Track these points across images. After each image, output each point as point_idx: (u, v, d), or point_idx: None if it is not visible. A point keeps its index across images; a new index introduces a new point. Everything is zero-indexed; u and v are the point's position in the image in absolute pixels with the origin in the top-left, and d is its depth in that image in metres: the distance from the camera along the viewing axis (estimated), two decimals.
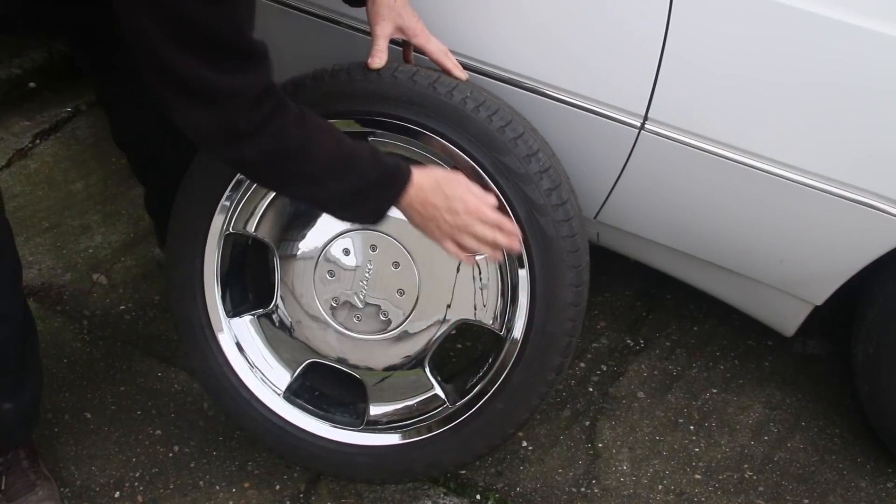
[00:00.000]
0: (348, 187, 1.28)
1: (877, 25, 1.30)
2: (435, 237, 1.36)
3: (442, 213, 1.33)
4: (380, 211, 1.33)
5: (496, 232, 1.36)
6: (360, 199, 1.30)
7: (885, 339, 1.61)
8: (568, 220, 1.44)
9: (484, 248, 1.37)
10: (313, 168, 1.26)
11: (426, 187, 1.32)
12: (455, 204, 1.33)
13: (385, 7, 1.44)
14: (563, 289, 1.45)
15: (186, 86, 1.15)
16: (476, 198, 1.35)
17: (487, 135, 1.41)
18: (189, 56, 1.12)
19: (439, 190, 1.32)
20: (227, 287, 1.63)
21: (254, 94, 1.17)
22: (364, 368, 1.61)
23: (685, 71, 1.43)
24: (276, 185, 1.34)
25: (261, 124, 1.19)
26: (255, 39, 1.18)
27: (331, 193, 1.29)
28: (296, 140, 1.23)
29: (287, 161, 1.24)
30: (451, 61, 1.48)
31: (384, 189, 1.31)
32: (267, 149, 1.21)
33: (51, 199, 2.27)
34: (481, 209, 1.35)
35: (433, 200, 1.32)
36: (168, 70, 1.13)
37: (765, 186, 1.48)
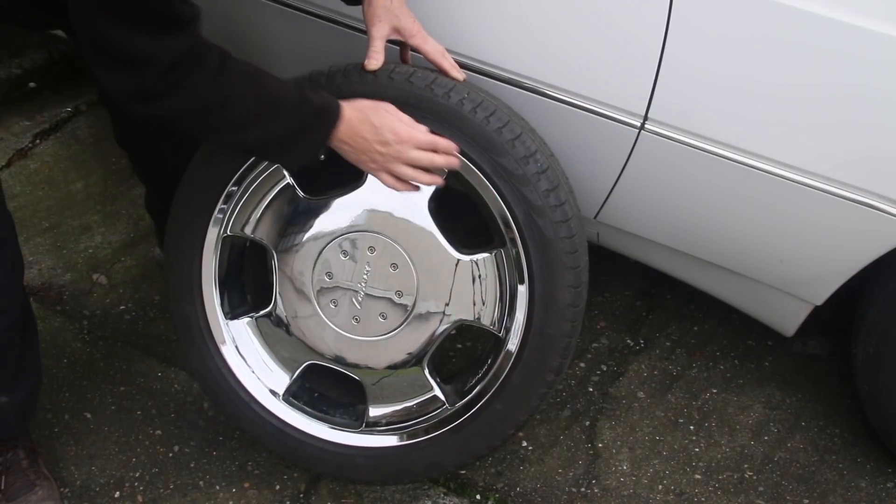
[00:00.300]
0: (275, 133, 1.29)
1: (877, 25, 1.30)
2: (370, 170, 1.38)
3: (373, 144, 1.33)
4: (311, 152, 1.34)
5: (431, 156, 1.37)
6: (290, 142, 1.31)
7: (885, 339, 1.61)
8: (566, 221, 1.43)
9: (421, 177, 1.38)
10: (235, 117, 1.27)
11: (354, 120, 1.32)
12: (385, 134, 1.34)
13: (381, 8, 1.43)
14: (562, 290, 1.45)
15: (104, 47, 1.17)
16: (406, 125, 1.36)
17: (485, 136, 1.41)
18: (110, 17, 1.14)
19: (367, 122, 1.33)
20: (226, 289, 1.63)
21: (171, 59, 1.18)
22: (363, 369, 1.60)
23: (685, 71, 1.43)
24: (201, 135, 1.35)
25: (175, 84, 1.20)
26: (183, 5, 1.19)
27: (258, 140, 1.30)
28: (213, 93, 1.24)
29: (207, 113, 1.26)
30: (448, 62, 1.47)
31: (313, 131, 1.31)
32: (184, 104, 1.23)
33: (51, 199, 2.28)
34: (412, 135, 1.35)
35: (362, 133, 1.33)
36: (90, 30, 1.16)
37: (765, 186, 1.48)
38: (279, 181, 1.55)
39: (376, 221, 1.50)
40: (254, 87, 1.28)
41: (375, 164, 1.36)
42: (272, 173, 1.54)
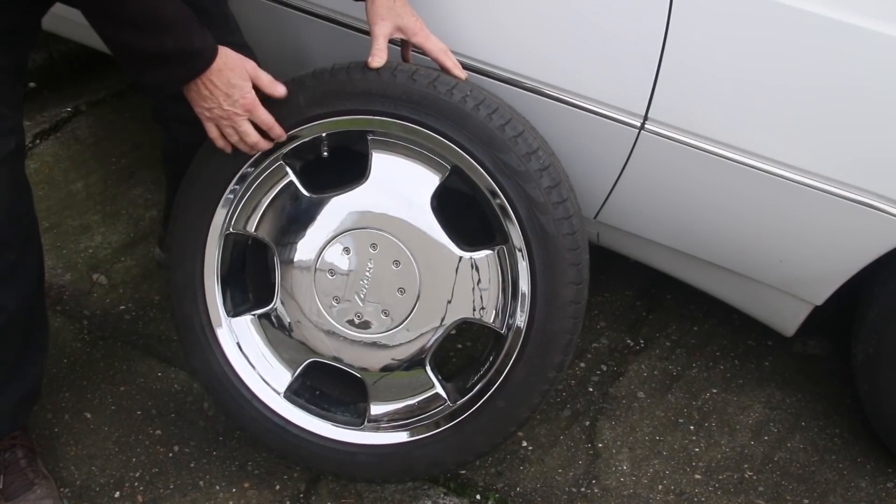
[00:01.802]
0: (145, 47, 1.30)
1: (877, 25, 1.30)
2: (203, 117, 1.40)
3: (219, 98, 1.37)
4: (167, 82, 1.35)
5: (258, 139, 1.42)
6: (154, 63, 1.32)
7: (885, 339, 1.61)
8: (568, 218, 1.44)
9: (241, 145, 1.43)
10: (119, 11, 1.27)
11: (215, 70, 1.34)
12: (234, 92, 1.37)
13: (384, 7, 1.44)
14: (564, 286, 1.45)
15: None
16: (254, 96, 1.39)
17: (487, 133, 1.42)
18: None
19: (223, 75, 1.35)
20: (228, 287, 1.63)
21: None
22: (364, 367, 1.60)
23: (685, 71, 1.43)
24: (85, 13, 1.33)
25: None
26: None
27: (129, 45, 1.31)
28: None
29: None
30: (450, 60, 1.48)
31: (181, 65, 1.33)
32: None
33: (51, 199, 2.28)
34: (257, 108, 1.40)
35: (216, 81, 1.35)
36: None
37: (765, 186, 1.48)
38: (281, 179, 1.55)
39: (378, 219, 1.50)
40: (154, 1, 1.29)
41: (210, 114, 1.39)
42: (274, 171, 1.54)
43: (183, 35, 1.31)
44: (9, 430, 1.60)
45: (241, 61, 1.38)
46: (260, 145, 1.44)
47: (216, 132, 1.42)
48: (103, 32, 1.33)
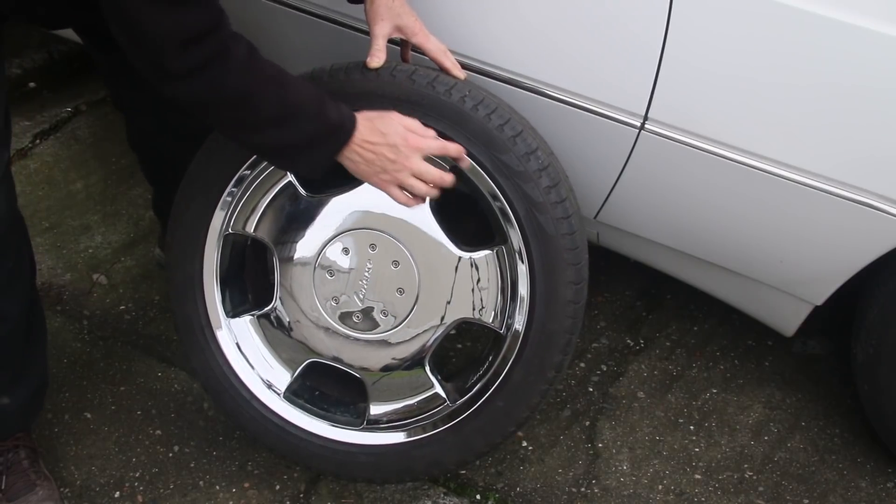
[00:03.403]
0: (288, 140, 1.28)
1: (877, 25, 1.30)
2: (379, 183, 1.35)
3: (383, 150, 1.32)
4: (317, 165, 1.33)
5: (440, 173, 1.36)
6: (297, 152, 1.31)
7: (885, 339, 1.61)
8: (567, 218, 1.44)
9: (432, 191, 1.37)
10: (252, 117, 1.26)
11: (364, 130, 1.32)
12: (394, 139, 1.32)
13: (383, 7, 1.44)
14: (563, 286, 1.45)
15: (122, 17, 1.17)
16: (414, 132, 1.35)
17: (486, 133, 1.42)
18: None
19: (376, 130, 1.32)
20: (227, 287, 1.63)
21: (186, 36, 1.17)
22: (363, 367, 1.60)
23: (685, 71, 1.43)
24: (215, 126, 1.34)
25: (195, 69, 1.19)
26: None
27: (269, 143, 1.30)
28: (235, 89, 1.23)
29: (225, 108, 1.25)
30: (449, 60, 1.48)
31: (323, 145, 1.31)
32: (203, 94, 1.22)
33: (51, 199, 2.28)
34: (420, 142, 1.34)
35: (372, 139, 1.32)
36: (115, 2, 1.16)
37: (765, 186, 1.48)
38: (280, 179, 1.55)
39: (377, 219, 1.50)
40: (276, 89, 1.27)
41: (387, 175, 1.34)
42: (273, 172, 1.54)
43: (318, 113, 1.29)
44: (21, 428, 1.61)
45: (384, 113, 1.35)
46: (445, 179, 1.36)
47: (399, 192, 1.35)
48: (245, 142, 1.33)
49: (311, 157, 1.32)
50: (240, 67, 1.23)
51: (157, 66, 1.20)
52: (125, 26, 1.18)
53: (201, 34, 1.18)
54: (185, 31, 1.17)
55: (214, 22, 1.20)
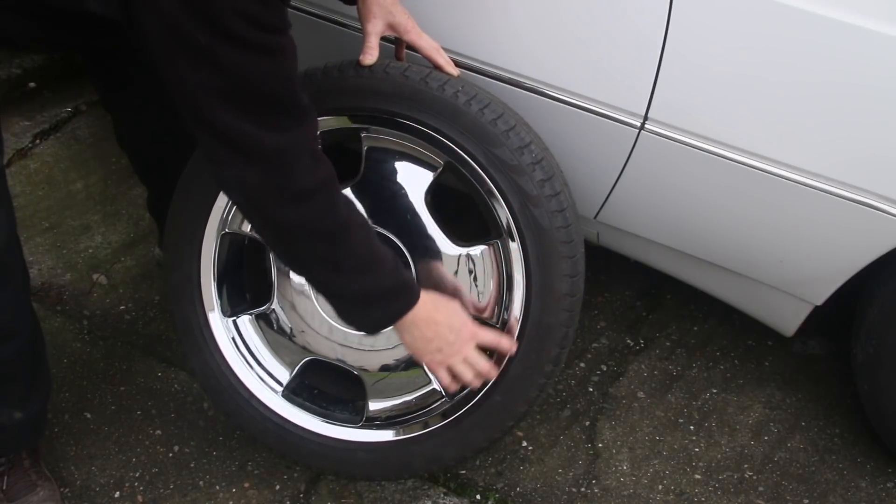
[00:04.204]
0: (364, 288, 1.27)
1: (877, 25, 1.30)
2: (431, 360, 1.37)
3: (444, 331, 1.34)
4: (382, 321, 1.33)
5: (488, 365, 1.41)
6: (370, 303, 1.30)
7: (885, 339, 1.61)
8: (561, 211, 1.44)
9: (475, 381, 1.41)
10: (341, 257, 1.24)
11: (429, 303, 1.33)
12: (455, 322, 1.35)
13: (376, 5, 1.44)
14: (559, 279, 1.45)
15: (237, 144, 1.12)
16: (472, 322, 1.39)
17: (480, 127, 1.42)
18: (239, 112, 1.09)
19: (440, 309, 1.34)
20: (225, 287, 1.63)
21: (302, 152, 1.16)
22: (362, 367, 1.60)
23: (685, 70, 1.43)
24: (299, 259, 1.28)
25: (312, 190, 1.17)
26: (302, 92, 1.16)
27: (346, 288, 1.28)
28: (340, 222, 1.22)
29: (321, 239, 1.22)
30: (442, 57, 1.48)
31: (395, 301, 1.31)
32: (311, 219, 1.20)
33: (51, 199, 2.28)
34: (477, 332, 1.39)
35: (437, 317, 1.33)
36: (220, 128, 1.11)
37: (765, 186, 1.48)
38: None
39: (373, 216, 1.50)
40: (366, 237, 1.27)
41: (440, 356, 1.36)
42: None
43: (395, 269, 1.30)
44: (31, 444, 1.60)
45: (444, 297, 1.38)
46: (490, 374, 1.43)
47: (446, 375, 1.39)
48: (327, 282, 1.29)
49: (380, 312, 1.31)
50: (345, 203, 1.23)
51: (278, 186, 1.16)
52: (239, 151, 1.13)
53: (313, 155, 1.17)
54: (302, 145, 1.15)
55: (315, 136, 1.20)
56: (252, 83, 1.09)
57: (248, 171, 1.15)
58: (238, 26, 1.04)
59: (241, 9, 1.04)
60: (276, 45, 1.10)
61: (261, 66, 1.08)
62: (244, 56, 1.06)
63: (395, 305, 1.31)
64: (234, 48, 1.05)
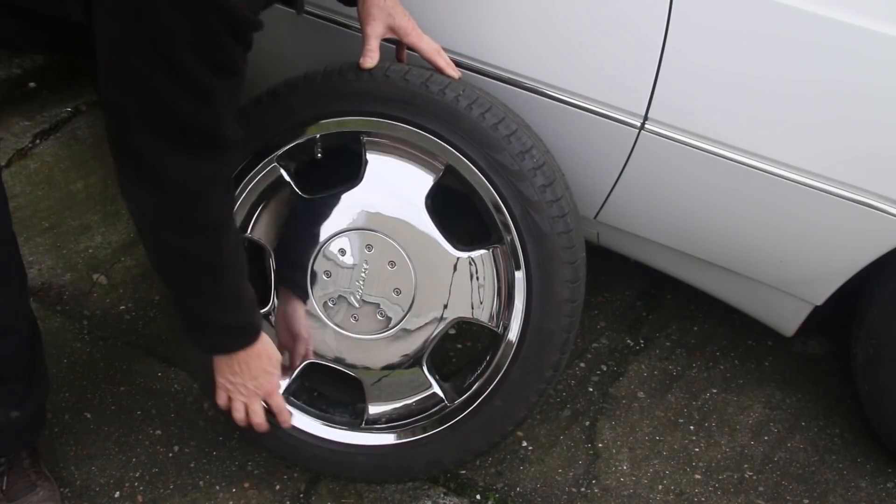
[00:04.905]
0: (219, 320, 1.32)
1: (877, 25, 1.30)
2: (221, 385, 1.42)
3: (247, 377, 1.39)
4: (219, 350, 1.38)
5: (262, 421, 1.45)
6: (217, 334, 1.35)
7: (885, 339, 1.61)
8: (563, 217, 1.44)
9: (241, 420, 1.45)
10: (214, 290, 1.28)
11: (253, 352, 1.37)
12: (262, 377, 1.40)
13: (376, 7, 1.44)
14: (560, 285, 1.45)
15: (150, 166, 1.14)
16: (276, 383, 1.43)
17: (481, 132, 1.42)
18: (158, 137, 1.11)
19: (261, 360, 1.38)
20: None
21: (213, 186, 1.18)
22: (362, 368, 1.60)
23: (685, 70, 1.43)
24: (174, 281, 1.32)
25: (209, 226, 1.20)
26: (232, 130, 1.17)
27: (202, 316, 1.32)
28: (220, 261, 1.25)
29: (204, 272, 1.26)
30: (443, 59, 1.48)
31: (238, 338, 1.36)
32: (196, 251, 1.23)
33: (51, 199, 2.28)
34: (275, 395, 1.44)
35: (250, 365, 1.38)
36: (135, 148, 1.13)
37: (765, 186, 1.48)
38: (277, 181, 1.55)
39: (373, 220, 1.50)
40: (240, 275, 1.31)
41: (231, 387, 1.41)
42: (269, 173, 1.54)
43: (250, 311, 1.34)
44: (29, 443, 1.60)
45: (274, 350, 1.41)
46: (262, 427, 1.46)
47: (225, 400, 1.44)
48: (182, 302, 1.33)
49: (220, 343, 1.37)
50: (235, 240, 1.27)
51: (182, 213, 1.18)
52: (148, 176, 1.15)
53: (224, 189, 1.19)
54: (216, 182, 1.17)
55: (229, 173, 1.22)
56: (181, 115, 1.10)
57: (153, 195, 1.18)
58: (185, 60, 1.05)
59: (198, 46, 1.05)
60: (219, 86, 1.10)
61: (195, 102, 1.09)
62: (181, 89, 1.07)
63: (232, 342, 1.36)
64: (171, 79, 1.06)
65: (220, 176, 1.20)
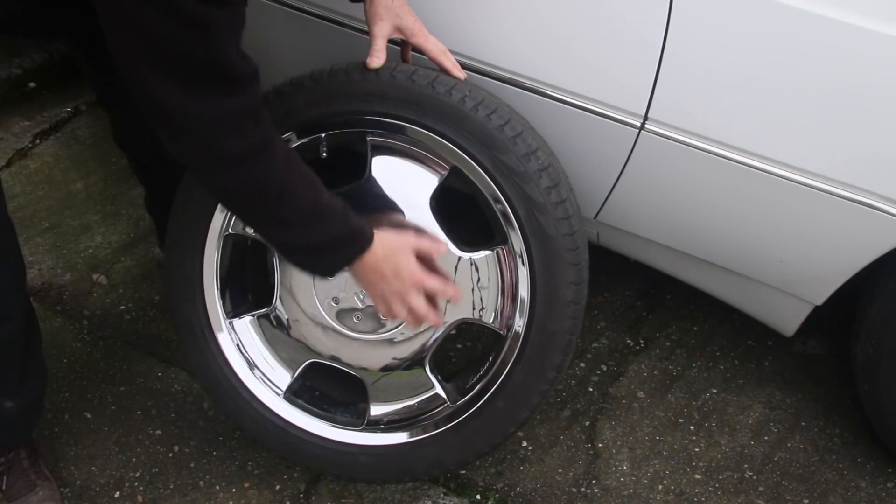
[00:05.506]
0: (313, 240, 1.30)
1: (877, 25, 1.30)
2: (371, 294, 1.40)
3: (389, 276, 1.35)
4: (333, 268, 1.36)
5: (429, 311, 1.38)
6: (320, 253, 1.33)
7: (885, 339, 1.61)
8: (567, 219, 1.44)
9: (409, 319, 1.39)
10: (286, 214, 1.27)
11: (379, 253, 1.34)
12: (402, 274, 1.36)
13: (383, 7, 1.44)
14: (563, 287, 1.45)
15: (164, 109, 1.15)
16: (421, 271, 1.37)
17: (486, 133, 1.41)
18: (167, 78, 1.11)
19: (388, 259, 1.35)
20: (227, 288, 1.63)
21: (237, 118, 1.17)
22: (364, 368, 1.60)
23: (685, 70, 1.43)
24: (245, 218, 1.35)
25: (246, 156, 1.19)
26: (240, 61, 1.16)
27: (294, 241, 1.31)
28: (278, 183, 1.24)
29: (263, 201, 1.25)
30: (449, 60, 1.48)
31: (345, 249, 1.33)
32: (247, 183, 1.22)
33: (51, 199, 2.28)
34: (426, 280, 1.37)
35: (383, 268, 1.35)
36: (147, 91, 1.13)
37: (765, 186, 1.48)
38: None
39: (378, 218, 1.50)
40: (310, 190, 1.28)
41: (380, 298, 1.38)
42: None
43: (344, 218, 1.31)
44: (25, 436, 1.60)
45: (401, 240, 1.38)
46: (430, 317, 1.39)
47: (385, 309, 1.40)
48: (273, 237, 1.34)
49: (329, 261, 1.34)
50: (284, 161, 1.24)
51: (207, 153, 1.19)
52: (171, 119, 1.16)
53: (249, 122, 1.18)
54: (237, 114, 1.17)
55: (259, 111, 1.21)
56: (184, 52, 1.10)
57: (181, 137, 1.19)
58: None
59: None
60: (213, 17, 1.09)
61: (192, 36, 1.09)
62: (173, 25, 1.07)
63: (345, 253, 1.33)
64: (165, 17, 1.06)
65: (241, 108, 1.18)
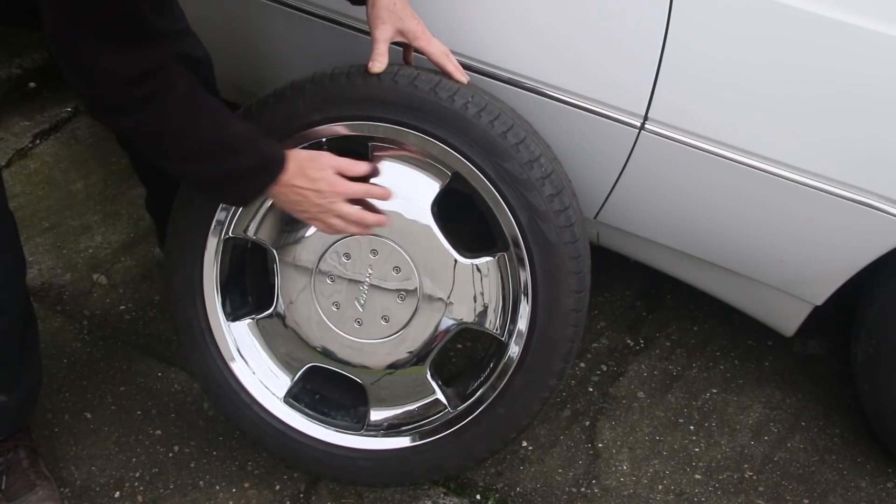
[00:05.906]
0: (222, 171, 1.32)
1: (877, 25, 1.30)
2: (303, 219, 1.42)
3: (308, 194, 1.37)
4: (247, 197, 1.39)
5: (362, 214, 1.40)
6: (231, 183, 1.35)
7: (885, 339, 1.61)
8: (570, 226, 1.43)
9: (351, 227, 1.42)
10: (191, 149, 1.30)
11: (292, 172, 1.35)
12: (320, 184, 1.37)
13: (385, 10, 1.42)
14: (565, 295, 1.44)
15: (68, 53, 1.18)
16: (339, 179, 1.38)
17: (489, 140, 1.40)
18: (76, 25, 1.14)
19: (303, 174, 1.36)
20: (227, 291, 1.62)
21: (134, 73, 1.19)
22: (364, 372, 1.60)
23: (685, 71, 1.43)
24: (152, 157, 1.35)
25: (140, 101, 1.22)
26: (153, 19, 1.18)
27: (205, 174, 1.34)
28: (177, 121, 1.26)
29: (165, 139, 1.28)
30: (451, 63, 1.46)
31: (257, 176, 1.35)
32: (146, 125, 1.25)
33: (51, 199, 2.28)
34: (347, 187, 1.39)
35: (298, 183, 1.36)
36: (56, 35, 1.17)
37: (765, 186, 1.48)
38: None
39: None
40: (215, 124, 1.31)
41: (308, 214, 1.40)
42: None
43: (252, 149, 1.33)
44: (18, 428, 1.61)
45: (315, 155, 1.39)
46: (367, 219, 1.41)
47: (323, 226, 1.42)
48: (182, 172, 1.37)
49: (242, 190, 1.37)
50: (182, 100, 1.26)
51: (100, 99, 1.23)
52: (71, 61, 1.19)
53: (147, 73, 1.21)
54: (133, 70, 1.19)
55: (161, 61, 1.22)
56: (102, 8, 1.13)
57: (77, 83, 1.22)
58: None
59: None
60: None
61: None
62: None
63: (259, 180, 1.35)
64: None
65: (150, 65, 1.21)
